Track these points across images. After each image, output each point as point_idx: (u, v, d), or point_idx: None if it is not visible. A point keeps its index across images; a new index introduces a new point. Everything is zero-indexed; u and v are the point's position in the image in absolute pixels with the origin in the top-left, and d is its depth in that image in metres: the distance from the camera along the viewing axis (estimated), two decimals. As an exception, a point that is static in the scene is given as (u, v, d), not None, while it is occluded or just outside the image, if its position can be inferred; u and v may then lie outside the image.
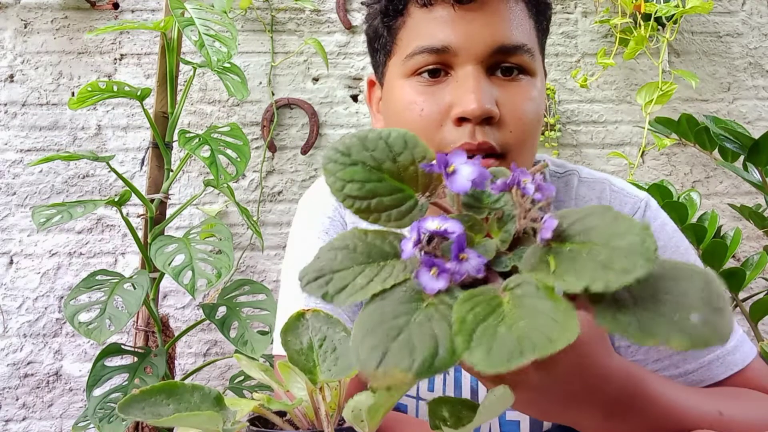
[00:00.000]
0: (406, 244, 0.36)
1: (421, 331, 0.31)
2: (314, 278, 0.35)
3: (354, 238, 0.38)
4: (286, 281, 0.80)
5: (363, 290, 0.34)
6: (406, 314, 0.32)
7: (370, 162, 0.40)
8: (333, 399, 0.45)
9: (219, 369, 1.67)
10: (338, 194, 0.39)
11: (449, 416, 0.38)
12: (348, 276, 0.35)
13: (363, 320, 0.32)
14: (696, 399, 0.55)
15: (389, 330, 0.31)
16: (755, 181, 1.31)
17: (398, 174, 0.40)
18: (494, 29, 0.66)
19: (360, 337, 0.31)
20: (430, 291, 0.33)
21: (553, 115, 1.70)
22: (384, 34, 0.73)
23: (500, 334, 0.29)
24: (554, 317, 0.29)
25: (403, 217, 0.39)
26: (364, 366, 0.30)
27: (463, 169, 0.36)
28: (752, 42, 1.77)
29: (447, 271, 0.34)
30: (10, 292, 1.66)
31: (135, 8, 1.73)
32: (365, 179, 0.39)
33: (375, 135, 0.41)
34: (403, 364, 0.29)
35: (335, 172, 0.39)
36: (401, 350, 0.30)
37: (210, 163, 1.26)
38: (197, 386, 0.40)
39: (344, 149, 0.40)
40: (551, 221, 0.35)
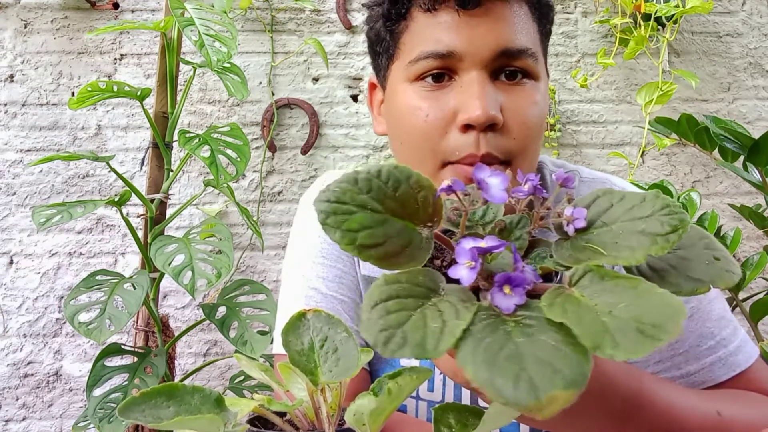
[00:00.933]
0: (458, 272, 0.34)
1: (537, 347, 0.29)
2: (387, 339, 0.31)
3: (390, 286, 0.34)
4: (287, 281, 0.80)
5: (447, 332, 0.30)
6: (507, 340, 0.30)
7: (372, 205, 0.37)
8: (334, 400, 0.45)
9: (219, 369, 1.67)
10: (350, 248, 0.35)
11: (455, 423, 0.38)
12: (417, 324, 0.31)
13: (474, 361, 0.29)
14: (695, 400, 0.55)
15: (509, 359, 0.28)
16: (755, 181, 1.31)
17: (400, 211, 0.37)
18: (498, 33, 0.66)
19: (489, 379, 0.28)
20: (506, 310, 0.32)
21: (553, 115, 1.70)
22: (386, 37, 0.73)
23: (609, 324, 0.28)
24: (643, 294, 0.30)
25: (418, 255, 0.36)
26: (522, 403, 0.27)
27: (493, 182, 0.36)
28: (752, 42, 1.77)
29: (522, 284, 0.32)
30: (10, 292, 1.66)
31: (135, 8, 1.73)
32: (373, 224, 0.36)
33: (364, 176, 0.38)
34: (560, 383, 0.27)
35: (339, 225, 0.35)
36: (543, 371, 0.28)
37: (210, 163, 1.26)
38: (198, 388, 0.39)
39: (338, 198, 0.36)
40: (581, 210, 0.36)
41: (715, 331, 0.67)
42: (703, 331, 0.67)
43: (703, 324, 0.67)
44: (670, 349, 0.67)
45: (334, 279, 0.76)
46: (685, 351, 0.67)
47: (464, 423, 0.39)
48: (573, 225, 0.36)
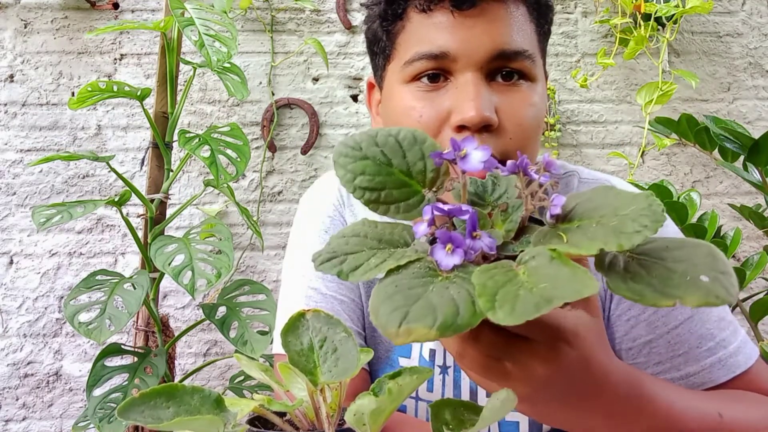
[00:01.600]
0: (418, 226, 0.37)
1: (441, 295, 0.32)
2: (328, 258, 0.36)
3: (364, 227, 0.40)
4: (287, 281, 0.80)
5: (378, 267, 0.35)
6: (422, 286, 0.33)
7: (380, 157, 0.42)
8: (333, 400, 0.45)
9: (219, 369, 1.67)
10: (349, 185, 0.41)
11: (452, 419, 0.38)
12: (361, 257, 0.36)
13: (379, 291, 0.33)
14: (695, 401, 0.55)
15: (408, 296, 0.32)
16: (755, 181, 1.31)
17: (407, 170, 0.42)
18: (494, 35, 0.65)
19: (378, 304, 0.32)
20: (444, 267, 0.34)
21: (553, 115, 1.70)
22: (383, 38, 0.73)
23: (522, 295, 0.30)
24: (574, 276, 0.30)
25: (411, 210, 0.41)
26: (386, 326, 0.30)
27: (475, 153, 0.38)
28: (752, 42, 1.77)
29: (462, 246, 0.34)
30: (10, 292, 1.66)
31: (135, 8, 1.73)
32: (375, 173, 0.41)
33: (385, 132, 0.43)
34: (426, 321, 0.30)
35: (346, 164, 0.41)
36: (423, 310, 0.31)
37: (210, 163, 1.26)
38: (197, 388, 0.39)
39: (355, 144, 0.42)
40: (559, 198, 0.37)
41: (715, 332, 0.67)
42: (703, 332, 0.67)
43: (703, 325, 0.67)
44: (669, 350, 0.67)
45: (333, 279, 0.76)
46: (684, 352, 0.67)
47: (461, 419, 0.39)
48: (549, 211, 0.37)
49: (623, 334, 0.70)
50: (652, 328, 0.68)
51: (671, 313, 0.67)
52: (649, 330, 0.68)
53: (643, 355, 0.69)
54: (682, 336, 0.67)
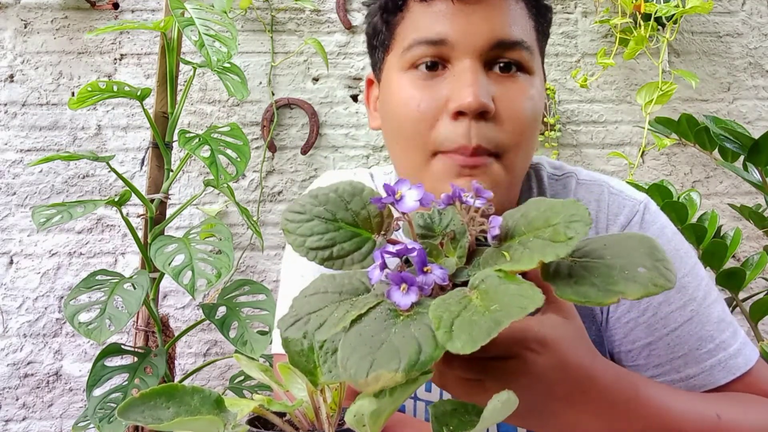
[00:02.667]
0: (372, 272, 0.38)
1: (403, 337, 0.33)
2: (292, 323, 0.37)
3: (323, 282, 0.40)
4: (285, 281, 0.80)
5: (341, 320, 0.35)
6: (386, 330, 0.34)
7: (324, 215, 0.43)
8: (333, 400, 0.45)
9: (219, 369, 1.67)
10: (300, 250, 0.42)
11: (452, 420, 0.38)
12: (324, 314, 0.37)
13: (345, 344, 0.34)
14: (693, 403, 0.55)
15: (372, 343, 0.33)
16: (755, 181, 1.31)
17: (353, 220, 0.43)
18: (493, 24, 0.65)
19: (347, 357, 0.33)
20: (403, 307, 0.35)
21: (553, 115, 1.70)
22: (383, 29, 0.73)
23: (476, 321, 0.31)
24: (520, 292, 0.32)
25: (365, 259, 0.42)
26: (356, 377, 0.31)
27: (409, 194, 0.39)
28: (752, 42, 1.77)
29: (415, 284, 0.36)
30: (10, 292, 1.66)
31: (135, 8, 1.73)
32: (323, 230, 0.42)
33: (324, 191, 0.44)
34: (392, 366, 0.31)
35: (294, 230, 0.42)
36: (387, 355, 0.32)
37: (210, 163, 1.26)
38: (197, 389, 0.39)
39: (299, 208, 0.43)
40: (496, 219, 0.39)
41: (715, 334, 0.67)
42: (703, 334, 0.67)
43: (703, 327, 0.67)
44: (669, 352, 0.67)
45: None
46: (684, 354, 0.67)
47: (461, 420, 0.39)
48: (489, 233, 0.39)
49: (622, 337, 0.70)
50: (651, 331, 0.68)
51: (670, 315, 0.67)
52: (649, 332, 0.68)
53: (642, 357, 0.69)
54: (682, 338, 0.67)
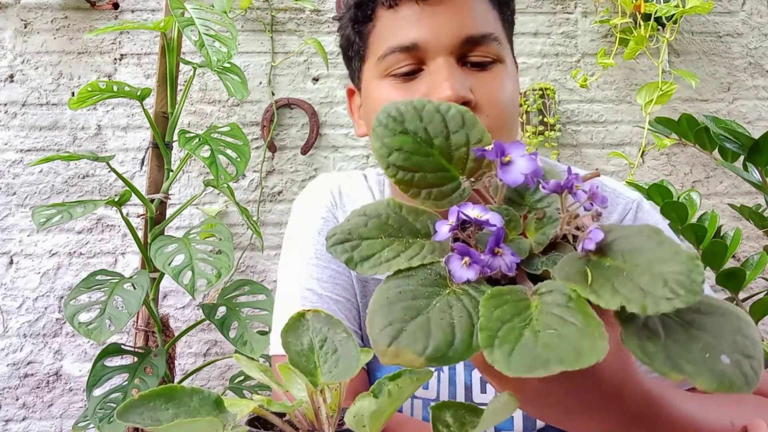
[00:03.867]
0: (441, 226, 0.35)
1: (440, 317, 0.30)
2: (341, 240, 0.34)
3: (388, 208, 0.37)
4: (282, 282, 0.80)
5: (387, 263, 0.33)
6: (427, 297, 0.31)
7: (422, 134, 0.38)
8: (333, 400, 0.45)
9: (219, 369, 1.67)
10: (382, 161, 0.37)
11: (453, 421, 0.38)
12: (375, 245, 0.34)
13: (382, 294, 0.31)
14: (709, 410, 0.54)
15: (407, 309, 0.30)
16: (755, 181, 1.31)
17: (448, 153, 0.38)
18: (459, 21, 0.67)
19: (376, 310, 0.30)
20: (457, 279, 0.33)
21: (553, 115, 1.69)
22: (356, 40, 0.75)
23: (525, 337, 0.28)
24: (584, 331, 0.28)
25: (444, 198, 0.37)
26: (376, 341, 0.29)
27: (520, 162, 0.35)
28: (752, 42, 1.76)
29: (479, 263, 0.33)
30: (10, 292, 1.66)
31: (135, 8, 1.73)
32: (413, 151, 0.37)
33: (433, 107, 0.38)
34: (417, 347, 0.29)
35: (383, 137, 0.37)
36: (417, 332, 0.29)
37: (210, 163, 1.26)
38: (197, 390, 0.39)
39: (397, 115, 0.38)
40: (597, 233, 0.33)
41: None
42: None
43: None
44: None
45: (328, 279, 0.76)
46: None
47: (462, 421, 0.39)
48: (583, 243, 0.34)
49: None
50: None
51: None
52: None
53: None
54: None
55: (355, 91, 0.81)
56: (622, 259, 0.32)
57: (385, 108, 0.38)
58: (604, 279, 0.31)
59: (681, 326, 0.31)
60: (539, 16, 1.76)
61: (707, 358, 0.29)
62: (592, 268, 0.32)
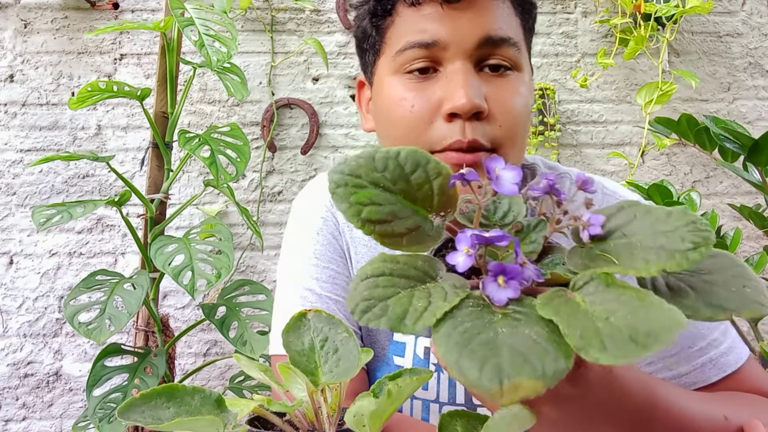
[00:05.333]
0: (456, 258, 0.34)
1: (516, 338, 0.29)
2: (367, 308, 0.32)
3: (386, 263, 0.35)
4: (281, 282, 0.80)
5: (428, 312, 0.31)
6: (489, 328, 0.30)
7: (384, 183, 0.37)
8: (334, 400, 0.45)
9: (219, 369, 1.67)
10: (354, 220, 0.36)
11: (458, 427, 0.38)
12: (403, 301, 0.32)
13: (448, 341, 0.29)
14: (702, 405, 0.55)
15: (484, 344, 0.29)
16: (755, 181, 1.31)
17: (412, 195, 0.37)
18: (481, 23, 0.67)
19: (457, 358, 0.28)
20: (498, 302, 0.31)
21: (553, 115, 1.69)
22: (372, 33, 0.74)
23: (602, 329, 0.28)
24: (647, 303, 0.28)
25: (423, 241, 0.37)
26: (485, 386, 0.27)
27: (505, 174, 0.35)
28: (752, 42, 1.77)
29: (517, 277, 0.32)
30: (10, 292, 1.66)
31: (135, 8, 1.73)
32: (383, 201, 0.37)
33: (382, 155, 0.38)
34: (527, 372, 0.27)
35: (347, 197, 0.36)
36: (514, 359, 0.28)
37: (210, 163, 1.26)
38: (198, 389, 0.39)
39: (352, 171, 0.37)
40: (597, 217, 0.34)
41: (706, 332, 0.68)
42: (695, 332, 0.68)
43: (694, 325, 0.67)
44: (662, 351, 0.67)
45: (327, 280, 0.76)
46: (677, 353, 0.67)
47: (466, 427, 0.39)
48: (588, 231, 0.34)
49: None
50: None
51: None
52: None
53: None
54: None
55: (366, 84, 0.80)
56: (623, 235, 0.33)
57: (335, 169, 0.37)
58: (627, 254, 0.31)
59: (695, 278, 0.33)
60: (539, 16, 1.76)
61: (736, 293, 0.32)
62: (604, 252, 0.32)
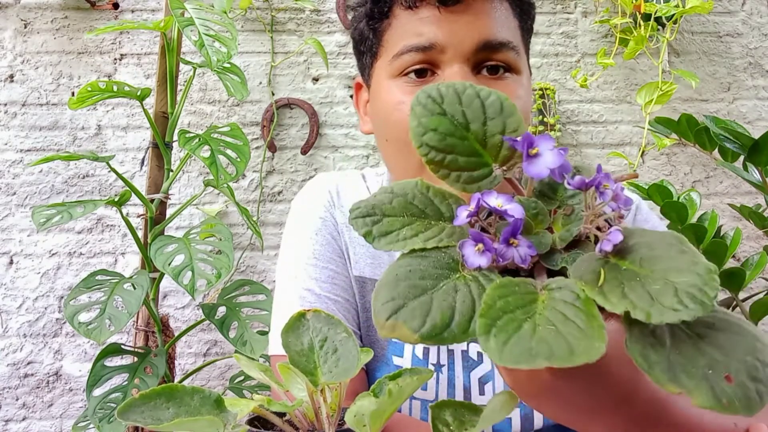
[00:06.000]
0: (461, 211, 0.35)
1: (443, 298, 0.31)
2: (363, 214, 0.35)
3: (415, 188, 0.38)
4: (280, 282, 0.80)
5: (404, 241, 0.33)
6: (435, 279, 0.32)
7: (459, 117, 0.38)
8: (333, 400, 0.45)
9: (219, 369, 1.67)
10: (416, 139, 0.37)
11: (452, 420, 0.38)
12: (396, 223, 0.35)
13: (392, 270, 0.32)
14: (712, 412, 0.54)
15: (412, 288, 0.31)
16: (755, 181, 1.31)
17: (483, 138, 0.38)
18: (479, 27, 0.66)
19: (383, 284, 0.31)
20: (469, 265, 0.33)
21: (553, 115, 1.69)
22: (370, 36, 0.74)
23: (523, 330, 0.28)
24: (583, 331, 0.28)
25: (473, 183, 0.37)
26: (377, 314, 0.30)
27: (547, 155, 0.34)
28: (752, 42, 1.77)
29: (492, 251, 0.33)
30: (10, 292, 1.66)
31: (135, 8, 1.73)
32: (448, 132, 0.37)
33: (473, 91, 0.39)
34: (414, 324, 0.29)
35: (421, 116, 0.38)
36: (416, 310, 0.30)
37: (210, 163, 1.26)
38: (197, 389, 0.39)
39: (437, 96, 0.38)
40: (616, 234, 0.33)
41: None
42: None
43: None
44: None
45: (327, 280, 0.76)
46: None
47: (461, 420, 0.39)
48: (601, 244, 0.33)
49: None
50: None
51: None
52: None
53: None
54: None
55: (363, 86, 0.80)
56: (639, 264, 0.31)
57: (425, 89, 0.39)
58: (616, 282, 0.30)
59: (690, 339, 0.30)
60: (539, 16, 1.76)
61: (710, 375, 0.28)
62: (608, 270, 0.31)
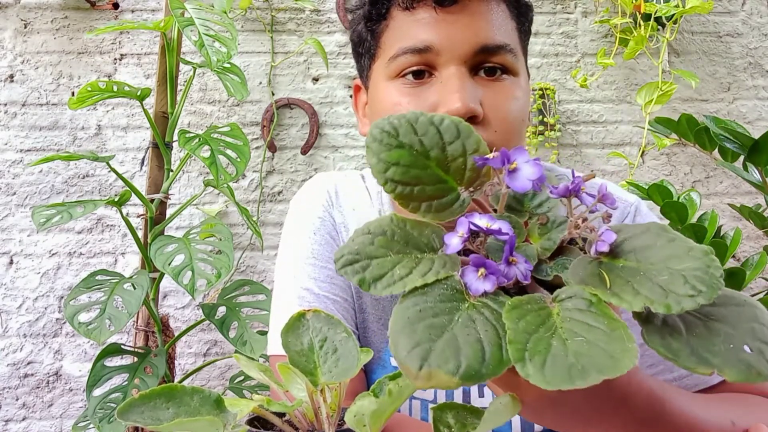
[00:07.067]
0: (451, 239, 0.34)
1: (466, 332, 0.29)
2: (350, 262, 0.33)
3: (392, 224, 0.36)
4: (279, 282, 0.80)
5: (402, 281, 0.32)
6: (448, 314, 0.30)
7: (417, 147, 0.38)
8: (333, 400, 0.45)
9: (219, 369, 1.67)
10: (380, 176, 0.37)
11: (454, 422, 0.38)
12: (386, 264, 0.33)
13: (401, 314, 0.30)
14: (709, 410, 0.54)
15: (430, 328, 0.29)
16: (755, 181, 1.31)
17: (445, 164, 0.38)
18: (476, 30, 0.66)
19: (399, 331, 0.29)
20: (474, 292, 0.32)
21: (553, 115, 1.69)
22: (368, 38, 0.74)
23: (554, 347, 0.28)
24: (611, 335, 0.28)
25: (444, 210, 0.37)
26: (406, 365, 0.28)
27: (525, 168, 0.34)
28: (752, 42, 1.77)
29: (496, 274, 0.32)
30: (10, 292, 1.66)
31: (135, 8, 1.73)
32: (410, 164, 0.37)
33: (426, 119, 0.39)
34: (449, 367, 0.27)
35: (379, 152, 0.37)
36: (446, 351, 0.28)
37: (210, 163, 1.26)
38: (197, 389, 0.39)
39: (391, 129, 0.38)
40: (610, 234, 0.33)
41: None
42: None
43: None
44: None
45: (326, 279, 0.76)
46: None
47: (463, 422, 0.39)
48: (595, 246, 0.33)
49: None
50: None
51: None
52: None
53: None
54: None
55: (362, 88, 0.80)
56: (635, 259, 0.32)
57: (377, 123, 0.38)
58: (623, 281, 0.30)
59: (700, 320, 0.31)
60: (539, 16, 1.76)
61: (731, 349, 0.29)
62: (607, 271, 0.31)
